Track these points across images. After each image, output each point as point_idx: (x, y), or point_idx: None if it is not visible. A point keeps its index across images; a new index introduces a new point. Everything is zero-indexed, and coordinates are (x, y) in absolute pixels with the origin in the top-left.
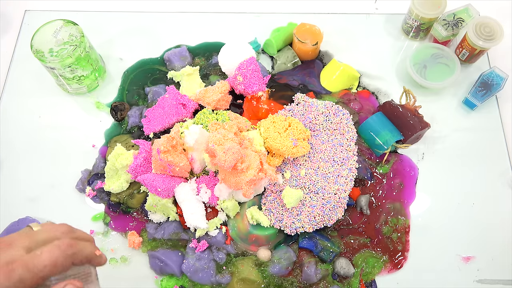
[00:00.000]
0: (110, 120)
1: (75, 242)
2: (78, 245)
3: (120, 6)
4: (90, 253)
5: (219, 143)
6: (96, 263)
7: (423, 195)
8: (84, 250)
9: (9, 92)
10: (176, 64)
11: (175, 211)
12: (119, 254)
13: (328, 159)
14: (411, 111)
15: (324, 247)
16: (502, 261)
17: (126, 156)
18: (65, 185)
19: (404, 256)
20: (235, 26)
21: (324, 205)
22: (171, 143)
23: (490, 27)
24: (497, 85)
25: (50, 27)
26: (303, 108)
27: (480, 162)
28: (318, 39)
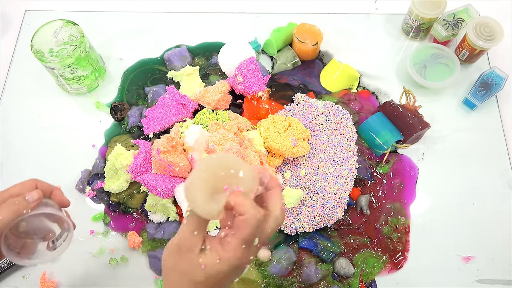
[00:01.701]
0: (110, 120)
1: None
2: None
3: (120, 6)
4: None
5: (219, 143)
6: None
7: (423, 195)
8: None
9: (9, 92)
10: (176, 64)
11: (175, 211)
12: (119, 254)
13: (328, 159)
14: (411, 111)
15: (324, 247)
16: (502, 261)
17: (126, 156)
18: (65, 185)
19: (404, 256)
20: (235, 26)
21: (324, 205)
22: (171, 143)
23: (490, 27)
24: (497, 85)
25: (50, 27)
26: (303, 108)
27: (480, 162)
28: (318, 39)
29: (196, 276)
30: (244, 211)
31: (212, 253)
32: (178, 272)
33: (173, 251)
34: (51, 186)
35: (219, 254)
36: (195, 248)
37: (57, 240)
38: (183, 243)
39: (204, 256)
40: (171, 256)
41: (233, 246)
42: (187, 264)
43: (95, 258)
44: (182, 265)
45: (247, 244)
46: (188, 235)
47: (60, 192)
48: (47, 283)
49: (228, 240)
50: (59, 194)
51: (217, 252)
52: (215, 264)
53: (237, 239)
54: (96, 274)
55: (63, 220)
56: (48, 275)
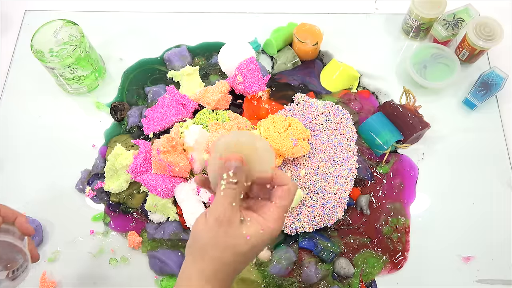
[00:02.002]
0: (110, 120)
1: None
2: None
3: (120, 6)
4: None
5: None
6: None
7: (423, 195)
8: None
9: (9, 92)
10: (176, 64)
11: (175, 211)
12: (119, 254)
13: (328, 159)
14: (411, 111)
15: (324, 247)
16: (502, 261)
17: (126, 156)
18: (65, 185)
19: (404, 256)
20: (235, 26)
21: (324, 205)
22: (170, 143)
23: (490, 27)
24: (497, 85)
25: (50, 27)
26: (303, 108)
27: (480, 162)
28: (318, 39)
29: (241, 247)
30: (287, 181)
31: (254, 224)
32: (219, 247)
33: (211, 226)
34: (16, 212)
35: (262, 225)
36: (236, 219)
37: (18, 270)
38: (223, 216)
39: (247, 227)
40: (209, 231)
41: (277, 216)
42: (230, 236)
43: (95, 258)
44: (224, 238)
45: (286, 213)
46: (227, 207)
47: (24, 219)
48: (47, 283)
49: (270, 210)
50: (23, 221)
51: (259, 223)
52: (259, 234)
53: (279, 208)
54: (96, 274)
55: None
56: (48, 275)
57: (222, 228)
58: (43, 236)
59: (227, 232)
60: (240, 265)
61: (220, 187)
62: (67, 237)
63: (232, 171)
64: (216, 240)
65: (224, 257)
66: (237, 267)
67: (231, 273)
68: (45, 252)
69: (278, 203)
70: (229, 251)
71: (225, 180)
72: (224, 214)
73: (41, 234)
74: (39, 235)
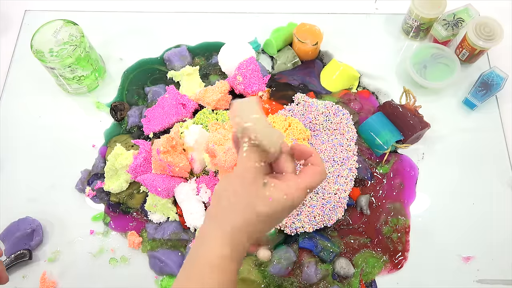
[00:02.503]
0: (110, 120)
1: None
2: None
3: (120, 6)
4: None
5: (219, 143)
6: None
7: (423, 195)
8: None
9: (9, 92)
10: (176, 64)
11: (175, 211)
12: (119, 254)
13: (328, 159)
14: (411, 111)
15: (324, 247)
16: (502, 261)
17: (126, 156)
18: (65, 185)
19: (404, 256)
20: (235, 26)
21: (324, 205)
22: (170, 143)
23: (490, 27)
24: (497, 85)
25: (50, 27)
26: (303, 108)
27: (480, 162)
28: (318, 39)
29: (262, 208)
30: (319, 163)
31: (277, 189)
32: (240, 204)
33: (236, 182)
34: None
35: (286, 191)
36: (259, 180)
37: None
38: (247, 174)
39: (270, 190)
40: (233, 186)
41: (301, 186)
42: (252, 195)
43: (95, 258)
44: (246, 196)
45: (310, 191)
46: (251, 165)
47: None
48: (47, 283)
49: (296, 180)
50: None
51: (283, 189)
52: (281, 199)
53: (306, 183)
54: (96, 274)
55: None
56: (48, 275)
57: (245, 185)
58: (43, 236)
59: (250, 190)
60: (260, 229)
61: (242, 149)
62: (67, 237)
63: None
64: (238, 196)
65: (245, 215)
66: (256, 230)
67: (250, 236)
68: (45, 252)
69: (305, 178)
70: (250, 210)
71: (247, 143)
72: (248, 173)
73: (41, 234)
74: (39, 235)
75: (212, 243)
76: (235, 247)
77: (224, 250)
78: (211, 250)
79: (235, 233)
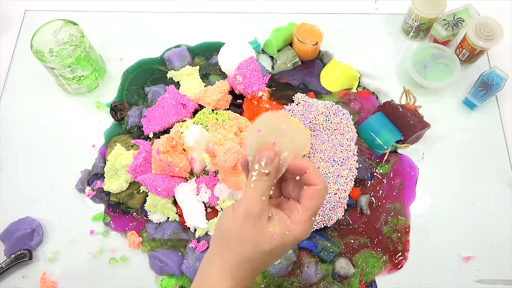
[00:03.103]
0: (109, 120)
1: None
2: None
3: (120, 6)
4: None
5: (219, 143)
6: None
7: (423, 195)
8: None
9: (9, 92)
10: (176, 64)
11: (175, 211)
12: (119, 254)
13: (328, 159)
14: (411, 111)
15: (324, 247)
16: (502, 261)
17: (126, 156)
18: (65, 185)
19: (404, 256)
20: (235, 26)
21: (324, 205)
22: (170, 143)
23: (490, 27)
24: (497, 85)
25: (50, 27)
26: (303, 108)
27: (480, 162)
28: (318, 39)
29: (265, 245)
30: (319, 182)
31: (281, 223)
32: (244, 240)
33: (239, 218)
34: None
35: (289, 226)
36: (264, 214)
37: None
38: (252, 208)
39: (274, 225)
40: (236, 223)
41: (304, 219)
42: (256, 231)
43: (95, 258)
44: (251, 232)
45: (314, 216)
46: (257, 199)
47: None
48: (47, 283)
49: (299, 212)
50: None
51: (286, 224)
52: (284, 235)
53: (308, 210)
54: (96, 274)
55: None
56: (48, 275)
57: (250, 221)
58: (43, 236)
59: (255, 225)
60: (262, 264)
61: (251, 179)
62: (67, 237)
63: (264, 162)
64: (242, 233)
65: (247, 252)
66: (259, 266)
67: (253, 271)
68: (45, 252)
69: (306, 205)
70: (253, 247)
71: (256, 171)
72: (254, 207)
73: (41, 234)
74: (39, 235)
75: (215, 275)
76: (238, 281)
77: (226, 283)
78: (213, 282)
79: (239, 268)
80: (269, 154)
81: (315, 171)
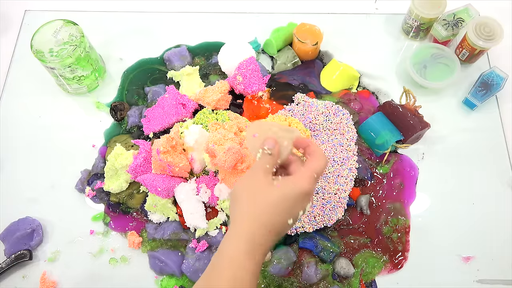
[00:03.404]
0: (109, 120)
1: None
2: None
3: (120, 6)
4: None
5: (219, 143)
6: None
7: (423, 195)
8: None
9: (9, 92)
10: (176, 64)
11: (175, 211)
12: (119, 254)
13: (328, 159)
14: (411, 111)
15: (324, 247)
16: (502, 261)
17: (126, 156)
18: (65, 185)
19: (404, 256)
20: (235, 26)
21: (324, 205)
22: (170, 143)
23: (490, 27)
24: (497, 85)
25: (50, 27)
26: (303, 108)
27: (480, 162)
28: (318, 39)
29: (270, 195)
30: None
31: (285, 179)
32: (250, 193)
33: (247, 179)
34: None
35: (293, 180)
36: (269, 176)
37: None
38: (258, 171)
39: (278, 180)
40: (244, 181)
41: (308, 175)
42: (261, 184)
43: (95, 258)
44: (256, 186)
45: (317, 176)
46: (262, 165)
47: None
48: (47, 283)
49: (301, 170)
50: None
51: (290, 179)
52: (288, 186)
53: (311, 169)
54: (96, 274)
55: None
56: (48, 275)
57: (255, 176)
58: (43, 236)
59: (260, 180)
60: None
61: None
62: (67, 237)
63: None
64: (248, 187)
65: (255, 206)
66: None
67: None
68: (45, 252)
69: (309, 164)
70: (259, 198)
71: (260, 153)
72: (259, 169)
73: (41, 234)
74: (39, 235)
75: (232, 239)
76: (252, 242)
77: (241, 245)
78: (230, 245)
79: (251, 226)
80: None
81: (315, 144)
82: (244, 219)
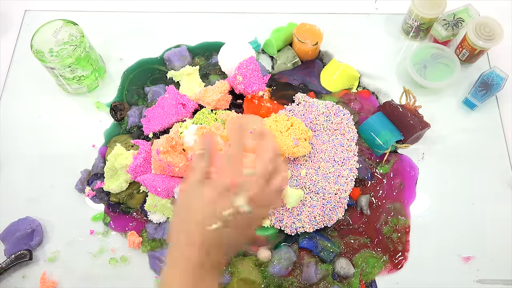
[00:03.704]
0: (109, 120)
1: None
2: None
3: (120, 6)
4: None
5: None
6: None
7: (423, 195)
8: None
9: (9, 92)
10: (176, 63)
11: None
12: (119, 254)
13: (329, 159)
14: (411, 111)
15: (324, 247)
16: (502, 261)
17: (126, 156)
18: (65, 185)
19: (404, 256)
20: (235, 26)
21: (325, 205)
22: (170, 143)
23: (490, 27)
24: (497, 85)
25: (50, 27)
26: (304, 108)
27: (480, 162)
28: (318, 39)
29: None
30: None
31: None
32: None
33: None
34: None
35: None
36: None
37: None
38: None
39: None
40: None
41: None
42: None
43: (95, 258)
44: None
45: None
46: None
47: None
48: (47, 283)
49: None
50: None
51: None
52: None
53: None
54: (96, 274)
55: None
56: (48, 275)
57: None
58: (43, 236)
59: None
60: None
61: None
62: (67, 237)
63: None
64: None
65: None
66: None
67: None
68: (45, 252)
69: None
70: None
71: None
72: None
73: (41, 234)
74: (39, 235)
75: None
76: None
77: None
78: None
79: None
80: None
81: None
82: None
